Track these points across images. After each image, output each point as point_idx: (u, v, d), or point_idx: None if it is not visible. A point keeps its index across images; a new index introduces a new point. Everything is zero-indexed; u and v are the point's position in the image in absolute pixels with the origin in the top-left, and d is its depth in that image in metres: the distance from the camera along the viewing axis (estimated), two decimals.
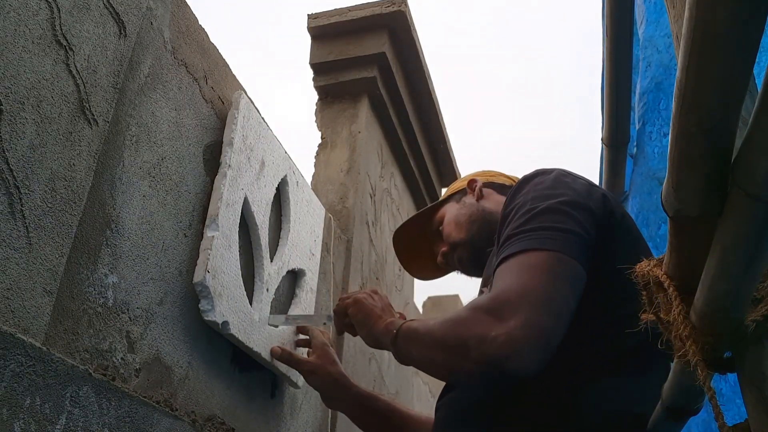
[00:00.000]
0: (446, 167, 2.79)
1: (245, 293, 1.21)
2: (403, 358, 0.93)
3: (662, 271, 0.56)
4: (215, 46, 1.26)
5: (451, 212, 1.20)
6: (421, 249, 1.29)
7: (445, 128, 2.65)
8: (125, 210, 0.97)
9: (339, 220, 1.88)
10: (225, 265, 1.15)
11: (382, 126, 2.28)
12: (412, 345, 0.91)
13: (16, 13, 0.78)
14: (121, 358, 0.94)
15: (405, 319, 1.02)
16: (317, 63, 2.14)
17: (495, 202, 1.16)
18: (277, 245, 1.41)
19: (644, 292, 0.59)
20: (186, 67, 1.15)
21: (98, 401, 0.85)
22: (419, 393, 2.68)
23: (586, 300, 0.86)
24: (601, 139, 1.64)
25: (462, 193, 1.22)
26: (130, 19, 0.99)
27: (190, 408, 1.08)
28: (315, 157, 2.07)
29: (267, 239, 1.33)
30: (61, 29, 0.85)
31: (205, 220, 1.15)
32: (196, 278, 1.09)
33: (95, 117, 0.90)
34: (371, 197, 2.12)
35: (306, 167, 1.97)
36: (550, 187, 0.90)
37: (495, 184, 1.21)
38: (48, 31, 0.83)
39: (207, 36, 1.23)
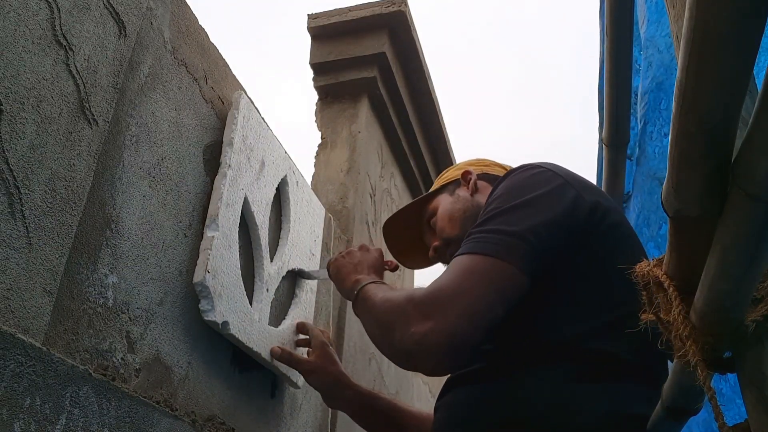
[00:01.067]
0: (446, 167, 2.78)
1: (245, 293, 1.21)
2: (359, 318, 1.01)
3: (662, 271, 0.56)
4: (215, 46, 1.26)
5: (444, 205, 1.16)
6: (411, 238, 1.26)
7: (445, 128, 2.65)
8: (125, 210, 0.97)
9: (339, 220, 1.88)
10: (225, 265, 1.15)
11: (382, 126, 2.28)
12: (362, 311, 0.98)
13: (16, 13, 0.78)
14: (121, 358, 0.94)
15: (390, 267, 1.19)
16: (317, 63, 2.14)
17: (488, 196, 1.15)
18: (277, 245, 1.41)
19: (644, 292, 0.59)
20: (186, 67, 1.15)
21: (98, 401, 0.85)
22: (419, 393, 2.67)
23: (568, 300, 0.87)
24: (601, 139, 1.64)
25: (456, 184, 1.19)
26: (130, 19, 0.99)
27: (190, 408, 1.08)
28: (315, 157, 2.07)
29: (267, 239, 1.33)
30: (61, 29, 0.85)
31: (205, 220, 1.15)
32: (196, 278, 1.09)
33: (95, 117, 0.90)
34: (371, 197, 2.12)
35: (306, 167, 1.97)
36: (520, 186, 0.91)
37: (489, 176, 1.18)
38: (48, 31, 0.83)
39: (207, 36, 1.23)
